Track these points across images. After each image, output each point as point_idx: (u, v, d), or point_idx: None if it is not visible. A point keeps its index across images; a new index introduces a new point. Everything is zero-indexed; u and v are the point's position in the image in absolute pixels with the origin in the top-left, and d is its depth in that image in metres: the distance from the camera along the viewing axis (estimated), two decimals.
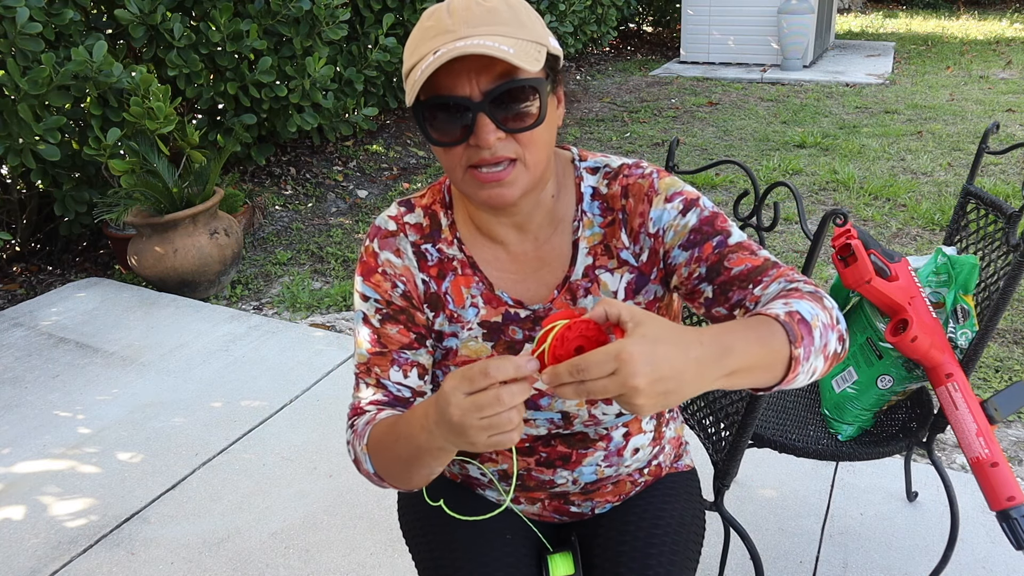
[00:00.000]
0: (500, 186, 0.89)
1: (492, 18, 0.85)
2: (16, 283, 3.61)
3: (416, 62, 0.87)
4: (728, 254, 0.96)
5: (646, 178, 1.01)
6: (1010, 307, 3.00)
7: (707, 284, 0.97)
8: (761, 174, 4.66)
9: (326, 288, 3.48)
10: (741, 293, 0.95)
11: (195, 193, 3.31)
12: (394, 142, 5.55)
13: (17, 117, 2.90)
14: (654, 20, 10.18)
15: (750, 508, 2.00)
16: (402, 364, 1.02)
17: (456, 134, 0.87)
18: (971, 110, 5.92)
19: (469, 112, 0.85)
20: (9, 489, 2.20)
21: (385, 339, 1.02)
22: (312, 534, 1.99)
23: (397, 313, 1.02)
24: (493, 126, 0.86)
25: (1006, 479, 1.37)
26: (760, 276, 0.94)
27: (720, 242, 0.97)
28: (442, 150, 0.90)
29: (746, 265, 0.95)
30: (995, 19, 11.02)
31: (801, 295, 0.88)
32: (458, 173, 0.91)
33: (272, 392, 2.61)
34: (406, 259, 1.03)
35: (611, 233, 1.02)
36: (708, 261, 0.97)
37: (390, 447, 0.90)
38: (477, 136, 0.86)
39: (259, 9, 3.77)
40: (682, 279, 0.99)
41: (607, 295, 1.02)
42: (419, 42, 0.87)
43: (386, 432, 0.92)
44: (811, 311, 0.85)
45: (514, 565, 1.09)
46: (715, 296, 0.96)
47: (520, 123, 0.87)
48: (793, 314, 0.83)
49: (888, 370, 1.51)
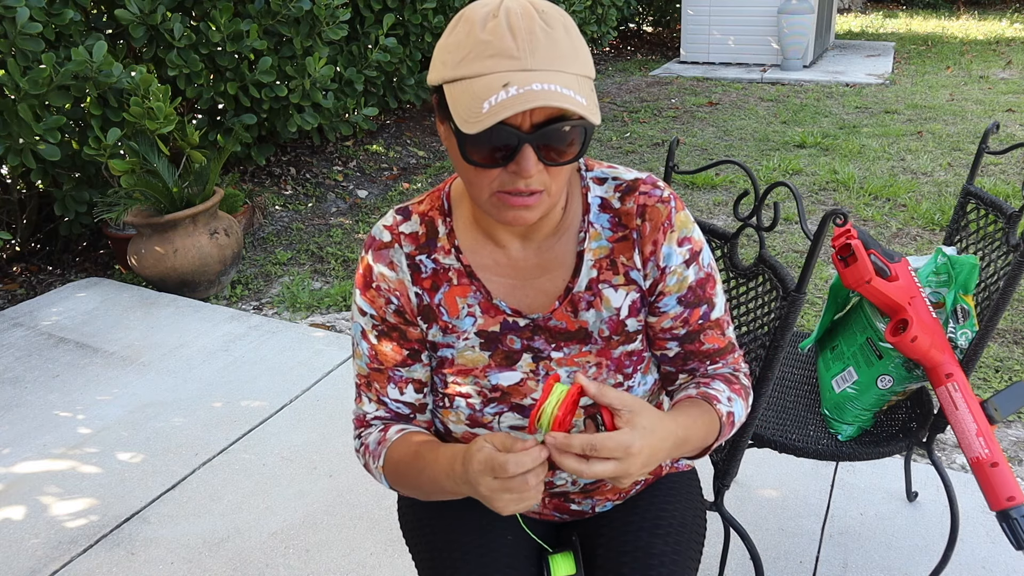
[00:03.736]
0: (526, 210, 0.88)
1: (555, 50, 0.82)
2: (16, 283, 3.62)
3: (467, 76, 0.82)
4: (706, 329, 1.06)
5: (665, 204, 1.00)
6: (1010, 307, 3.00)
7: (677, 344, 1.06)
8: (761, 174, 4.66)
9: (326, 288, 3.48)
10: (698, 364, 1.08)
11: (195, 193, 3.31)
12: (394, 142, 5.55)
13: (17, 117, 2.90)
14: (654, 20, 10.18)
15: (750, 508, 2.00)
16: (397, 382, 1.07)
17: (496, 158, 0.85)
18: (971, 110, 5.92)
19: (516, 142, 0.83)
20: (9, 489, 2.20)
21: (381, 356, 1.06)
22: (312, 534, 1.99)
23: (391, 330, 1.04)
24: (535, 158, 0.84)
25: (1006, 479, 1.37)
26: (719, 357, 1.08)
27: (706, 313, 1.05)
28: (474, 171, 0.87)
29: (715, 345, 1.07)
30: (995, 19, 11.02)
31: (739, 389, 1.06)
32: (484, 194, 0.88)
33: (272, 392, 2.61)
34: (400, 272, 1.03)
35: (620, 249, 1.01)
36: (690, 327, 1.05)
37: (412, 477, 1.00)
38: (519, 165, 0.84)
39: (259, 9, 3.77)
40: (660, 328, 1.05)
41: (610, 312, 1.02)
42: (474, 56, 0.82)
43: (407, 462, 1.00)
44: (740, 414, 1.05)
45: (515, 565, 1.09)
46: (675, 357, 1.08)
47: (560, 158, 0.86)
48: (730, 415, 1.03)
49: (888, 370, 1.51)
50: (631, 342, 1.04)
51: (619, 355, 1.04)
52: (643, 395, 1.06)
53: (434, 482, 0.95)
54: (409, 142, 5.59)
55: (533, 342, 1.03)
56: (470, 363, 1.04)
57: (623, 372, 1.04)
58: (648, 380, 1.07)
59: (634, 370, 1.04)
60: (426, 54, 5.28)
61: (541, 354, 1.03)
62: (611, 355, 1.03)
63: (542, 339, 1.03)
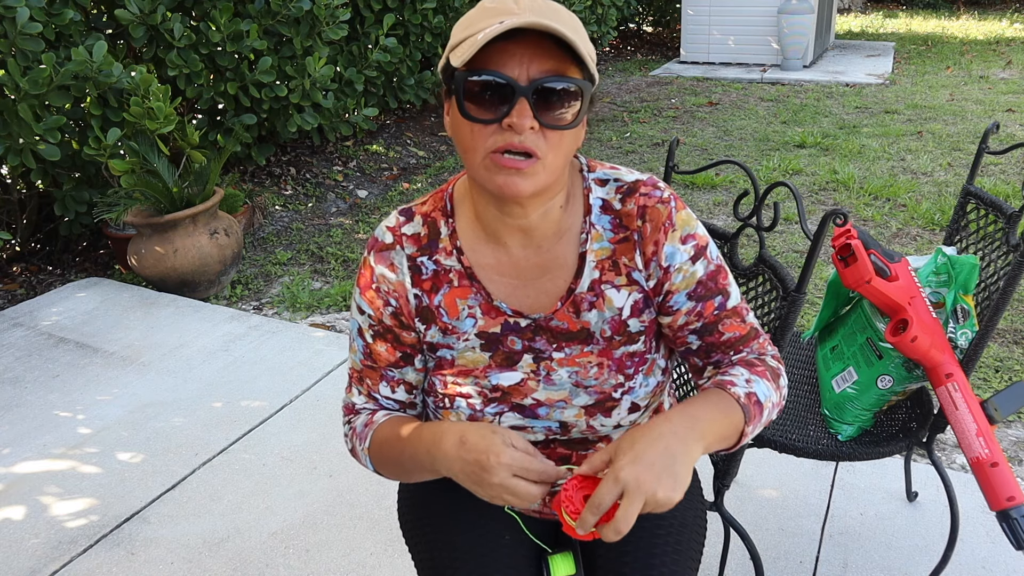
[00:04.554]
0: (518, 175, 0.88)
1: (557, 16, 0.87)
2: (16, 283, 3.62)
3: (471, 34, 0.86)
4: (724, 318, 1.05)
5: (665, 204, 1.01)
6: (1010, 307, 3.00)
7: (696, 338, 1.06)
8: (761, 174, 4.66)
9: (326, 288, 3.48)
10: (722, 355, 1.07)
11: (195, 193, 3.31)
12: (394, 142, 5.55)
13: (17, 117, 2.90)
14: (654, 20, 10.18)
15: (750, 508, 2.00)
16: (390, 381, 1.09)
17: (492, 113, 0.87)
18: (971, 110, 5.92)
19: (512, 94, 0.85)
20: (9, 489, 2.20)
21: (375, 355, 1.08)
22: (312, 534, 1.99)
23: (386, 332, 1.06)
24: (531, 114, 0.86)
25: (1006, 479, 1.37)
26: (742, 345, 1.07)
27: (721, 304, 1.04)
28: (469, 128, 0.89)
29: (735, 333, 1.06)
30: (995, 19, 11.02)
31: (764, 370, 1.03)
32: (479, 155, 0.90)
33: (272, 392, 2.61)
34: (400, 274, 1.03)
35: (622, 250, 1.01)
36: (706, 319, 1.04)
37: (394, 458, 1.02)
38: (512, 118, 0.86)
39: (259, 9, 3.77)
40: (677, 325, 1.05)
41: (612, 312, 1.02)
42: (477, 18, 0.87)
43: (390, 443, 1.03)
44: (766, 393, 1.00)
45: (514, 565, 1.09)
46: (698, 350, 1.07)
47: (556, 121, 0.88)
48: (751, 395, 0.98)
49: (888, 370, 1.51)
50: (633, 343, 1.04)
51: (620, 355, 1.04)
52: (644, 396, 1.06)
53: (414, 459, 0.98)
54: (409, 142, 5.59)
55: (534, 343, 1.03)
56: (470, 364, 1.04)
57: (624, 372, 1.04)
58: (650, 382, 1.06)
59: (635, 371, 1.04)
60: (426, 54, 5.28)
61: (542, 354, 1.03)
62: (612, 355, 1.03)
63: (543, 339, 1.03)
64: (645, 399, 1.06)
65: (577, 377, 1.03)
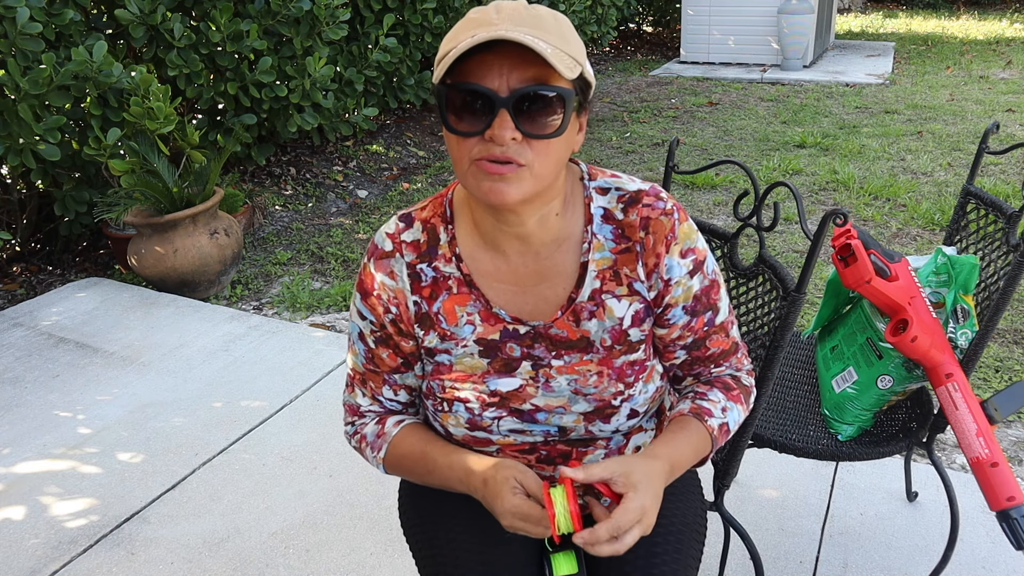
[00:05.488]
0: (503, 181, 0.88)
1: (538, 24, 0.86)
2: (16, 283, 3.62)
3: (452, 47, 0.86)
4: (712, 334, 1.08)
5: (668, 216, 1.00)
6: (1010, 307, 3.00)
7: (684, 352, 1.09)
8: (761, 174, 4.66)
9: (326, 288, 3.48)
10: (703, 368, 1.11)
11: (195, 193, 3.31)
12: (394, 142, 5.55)
13: (17, 117, 2.90)
14: (654, 20, 10.18)
15: (750, 508, 2.00)
16: (392, 384, 1.11)
17: (474, 125, 0.87)
18: (971, 110, 5.92)
19: (492, 105, 0.85)
20: (9, 489, 2.20)
21: (378, 360, 1.09)
22: (312, 534, 1.99)
23: (387, 338, 1.07)
24: (512, 125, 0.86)
25: (1006, 479, 1.37)
26: (723, 360, 1.11)
27: (710, 320, 1.07)
28: (455, 139, 0.90)
29: (719, 348, 1.10)
30: (995, 19, 11.02)
31: (738, 394, 1.10)
32: (464, 164, 0.90)
33: (272, 392, 2.61)
34: (400, 281, 1.04)
35: (623, 260, 1.01)
36: (696, 334, 1.07)
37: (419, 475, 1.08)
38: (493, 130, 0.85)
39: (259, 9, 3.77)
40: (669, 339, 1.07)
41: (612, 321, 1.02)
42: (459, 31, 0.88)
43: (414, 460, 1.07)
44: (736, 419, 1.09)
45: (516, 564, 1.09)
46: (683, 363, 1.10)
47: (539, 130, 0.87)
48: (723, 426, 1.07)
49: (888, 370, 1.51)
50: (633, 352, 1.04)
51: (621, 364, 1.03)
52: (644, 403, 1.06)
53: (444, 482, 1.05)
54: (409, 142, 5.59)
55: (533, 350, 1.03)
56: (468, 369, 1.04)
57: (624, 381, 1.03)
58: (649, 388, 1.06)
59: (635, 379, 1.04)
60: (426, 54, 5.28)
61: (541, 362, 1.03)
62: (613, 364, 1.03)
63: (542, 347, 1.03)
64: (644, 405, 1.06)
65: (576, 385, 1.03)
